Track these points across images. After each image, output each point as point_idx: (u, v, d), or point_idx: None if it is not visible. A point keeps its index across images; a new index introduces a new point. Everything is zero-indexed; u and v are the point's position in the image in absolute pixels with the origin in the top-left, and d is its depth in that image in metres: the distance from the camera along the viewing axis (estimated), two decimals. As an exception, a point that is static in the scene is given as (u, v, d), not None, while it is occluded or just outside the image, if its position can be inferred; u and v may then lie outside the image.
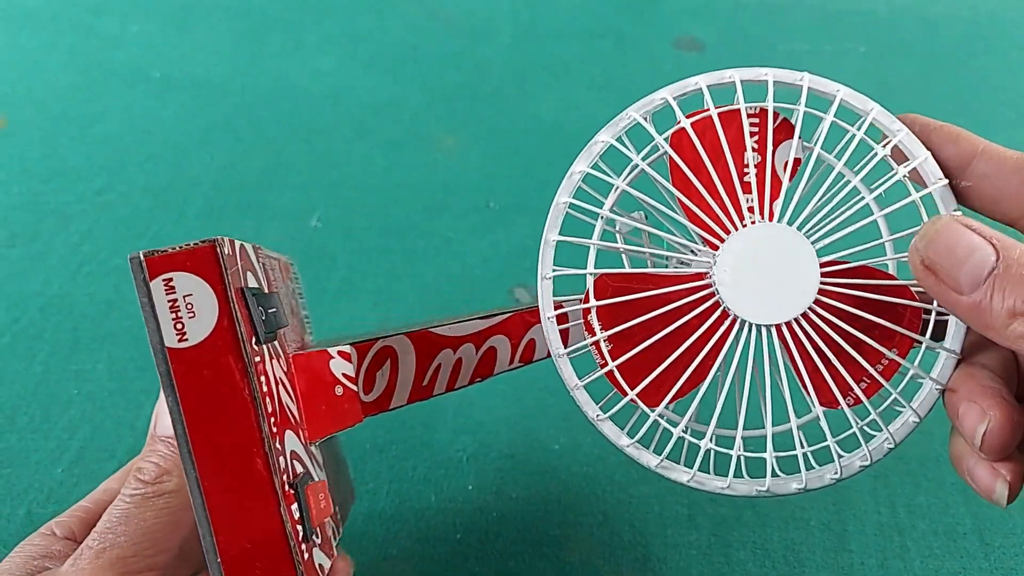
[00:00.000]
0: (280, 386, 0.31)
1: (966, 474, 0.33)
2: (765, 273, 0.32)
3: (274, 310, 0.32)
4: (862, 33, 0.78)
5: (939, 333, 0.33)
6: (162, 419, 0.33)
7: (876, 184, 0.33)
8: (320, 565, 0.31)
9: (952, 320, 0.32)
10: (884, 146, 0.33)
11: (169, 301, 0.28)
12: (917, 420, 0.33)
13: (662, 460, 0.34)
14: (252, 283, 0.31)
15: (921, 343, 0.33)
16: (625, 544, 0.46)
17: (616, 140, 0.34)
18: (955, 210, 0.32)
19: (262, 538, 0.28)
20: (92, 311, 0.58)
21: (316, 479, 0.32)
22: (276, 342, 0.32)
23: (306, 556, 0.29)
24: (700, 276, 0.33)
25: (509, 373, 0.38)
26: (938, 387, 0.33)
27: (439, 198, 0.65)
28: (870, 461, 0.33)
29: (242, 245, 0.31)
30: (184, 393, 0.28)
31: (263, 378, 0.29)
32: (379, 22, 0.80)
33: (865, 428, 0.33)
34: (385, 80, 0.75)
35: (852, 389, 0.33)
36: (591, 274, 0.33)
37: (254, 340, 0.29)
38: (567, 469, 0.50)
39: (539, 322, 0.34)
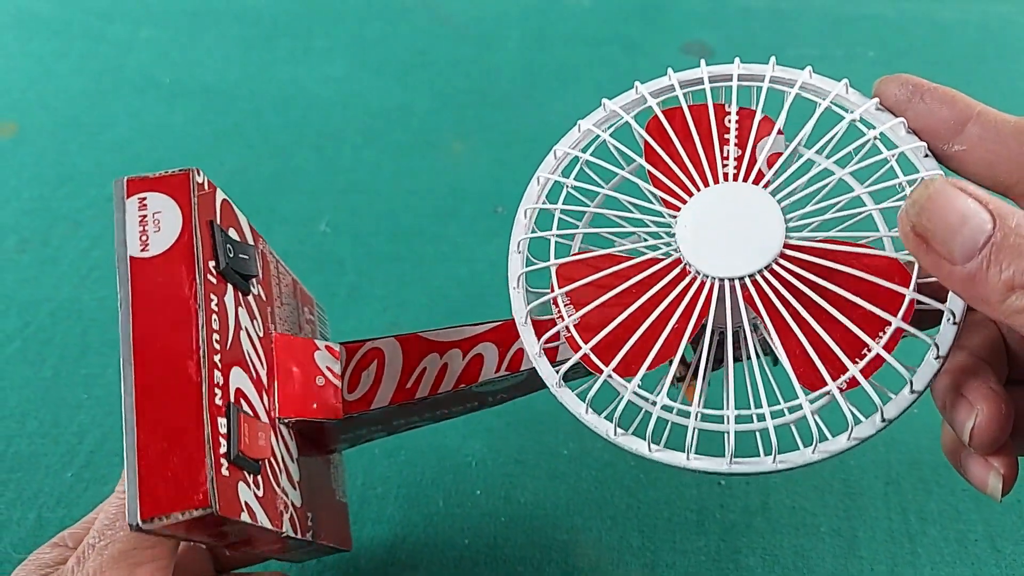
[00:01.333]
0: (244, 334, 0.32)
1: (960, 467, 0.32)
2: (727, 228, 0.31)
3: (245, 257, 0.33)
4: (872, 38, 0.78)
5: (928, 321, 0.31)
6: None
7: (847, 151, 0.32)
8: (247, 503, 0.30)
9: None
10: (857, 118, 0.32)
11: (140, 216, 0.31)
12: (914, 394, 0.30)
13: (616, 428, 0.31)
14: (233, 235, 0.33)
15: (906, 296, 0.29)
16: (634, 549, 0.46)
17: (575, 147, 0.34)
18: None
19: (180, 436, 0.28)
20: (102, 316, 0.58)
21: (274, 453, 0.33)
22: (250, 298, 0.34)
23: (225, 472, 0.29)
24: (661, 242, 0.32)
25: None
26: (937, 357, 0.29)
27: (448, 203, 0.65)
28: (858, 438, 0.30)
29: (225, 200, 0.34)
30: (136, 298, 0.30)
31: (215, 303, 0.31)
32: (388, 28, 0.81)
33: (855, 411, 0.30)
34: (394, 86, 0.75)
35: (835, 356, 0.29)
36: (552, 265, 0.33)
37: (213, 264, 0.31)
38: (576, 474, 0.49)
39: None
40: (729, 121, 0.34)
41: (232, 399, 0.30)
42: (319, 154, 0.70)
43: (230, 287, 0.33)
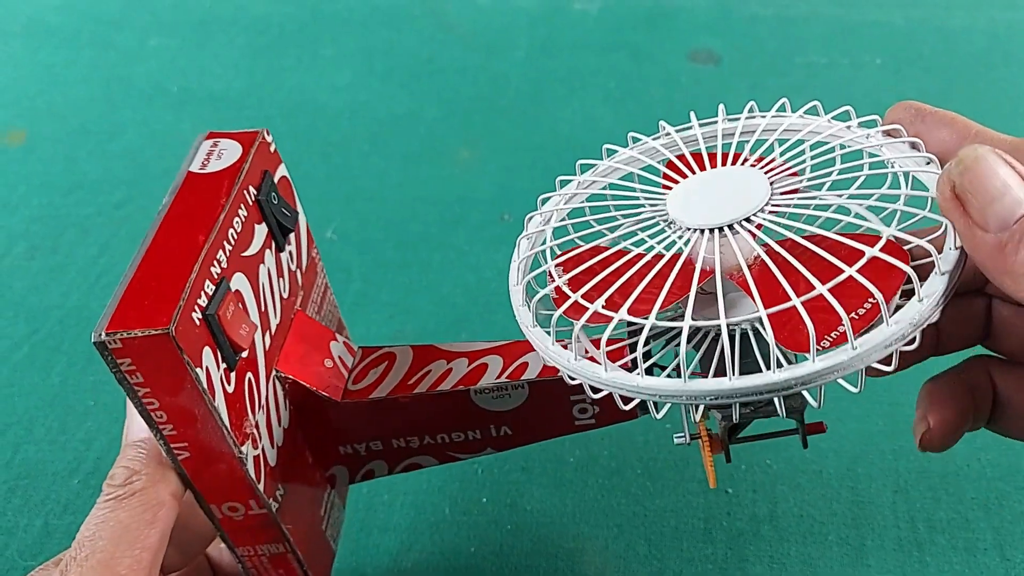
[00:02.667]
0: (264, 270, 0.36)
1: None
2: (715, 194, 0.32)
3: (286, 213, 0.37)
4: (879, 45, 0.78)
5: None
6: (132, 427, 0.34)
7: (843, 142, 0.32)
8: (208, 371, 0.31)
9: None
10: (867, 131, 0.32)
11: (208, 150, 0.36)
12: (944, 275, 0.28)
13: (575, 353, 0.30)
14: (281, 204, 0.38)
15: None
16: (640, 558, 0.46)
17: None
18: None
19: (168, 280, 0.30)
20: (110, 323, 0.59)
21: (258, 383, 0.34)
22: (283, 256, 0.37)
23: (196, 319, 0.30)
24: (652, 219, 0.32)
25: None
26: (942, 272, 0.28)
27: (455, 210, 0.65)
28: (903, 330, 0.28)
29: (287, 177, 0.39)
30: (177, 200, 0.34)
31: (241, 220, 0.34)
32: (395, 36, 0.81)
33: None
34: (401, 94, 0.75)
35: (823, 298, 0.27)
36: (552, 267, 0.34)
37: (253, 191, 0.35)
38: (582, 482, 0.49)
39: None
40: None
41: (226, 281, 0.32)
42: (326, 162, 0.70)
43: (265, 228, 0.36)
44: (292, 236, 0.39)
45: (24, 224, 0.65)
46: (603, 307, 0.30)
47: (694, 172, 0.34)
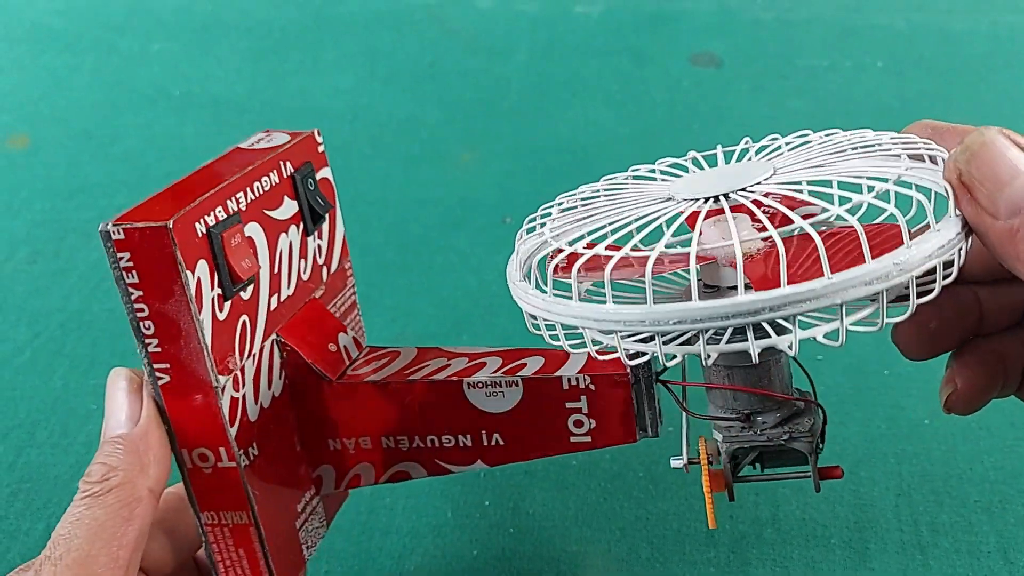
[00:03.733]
0: (285, 238, 0.37)
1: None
2: (718, 176, 0.32)
3: (320, 202, 0.39)
4: (881, 48, 0.78)
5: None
6: (109, 423, 0.34)
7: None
8: (199, 283, 0.32)
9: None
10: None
11: (259, 136, 0.39)
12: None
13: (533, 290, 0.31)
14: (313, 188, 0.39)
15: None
16: (643, 561, 0.46)
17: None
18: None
19: (181, 198, 0.32)
20: (111, 327, 0.59)
21: (252, 337, 0.35)
22: (309, 241, 0.39)
23: (199, 231, 0.32)
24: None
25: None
26: (937, 229, 0.27)
27: (456, 214, 0.65)
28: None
29: (329, 179, 0.41)
30: (216, 162, 0.36)
31: (270, 183, 0.36)
32: (397, 40, 0.81)
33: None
34: (403, 97, 0.75)
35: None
36: (552, 239, 0.33)
37: (290, 166, 0.38)
38: (585, 485, 0.49)
39: (538, 352, 0.36)
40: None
41: (240, 217, 0.34)
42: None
43: (295, 205, 0.38)
44: (324, 231, 0.40)
45: (26, 228, 0.65)
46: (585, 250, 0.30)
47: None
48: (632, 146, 0.68)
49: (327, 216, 0.40)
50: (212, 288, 0.32)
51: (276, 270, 0.37)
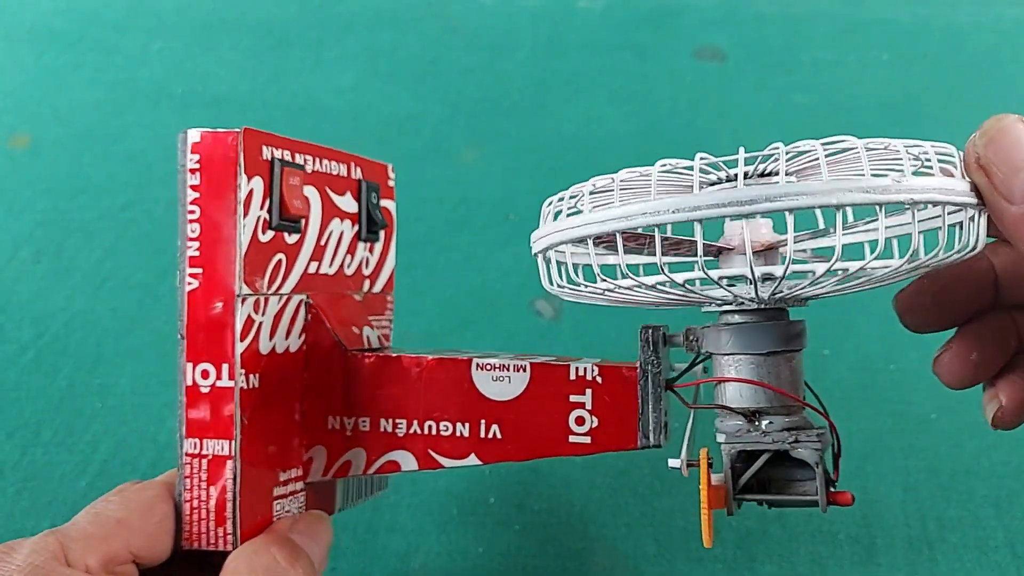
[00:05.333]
0: (336, 223, 0.40)
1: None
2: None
3: (379, 217, 0.42)
4: (886, 42, 0.77)
5: None
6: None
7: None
8: (251, 192, 0.35)
9: None
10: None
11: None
12: None
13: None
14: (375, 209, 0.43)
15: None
16: (649, 557, 0.46)
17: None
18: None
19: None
20: (115, 326, 0.59)
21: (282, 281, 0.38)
22: (359, 245, 0.42)
23: (264, 156, 0.36)
24: None
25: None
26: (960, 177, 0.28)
27: (459, 212, 0.65)
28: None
29: (390, 210, 0.45)
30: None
31: (338, 169, 0.41)
32: (399, 37, 0.81)
33: None
34: (405, 95, 0.75)
35: None
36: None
37: (359, 170, 0.42)
38: (590, 481, 0.49)
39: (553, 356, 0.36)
40: None
41: (303, 173, 0.38)
42: (331, 163, 0.70)
43: (355, 205, 0.41)
44: (376, 249, 0.43)
45: (29, 228, 0.65)
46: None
47: None
48: (636, 141, 0.68)
49: (381, 236, 0.43)
50: (261, 208, 0.36)
51: (323, 242, 0.39)
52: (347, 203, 0.41)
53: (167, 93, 0.76)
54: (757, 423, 0.33)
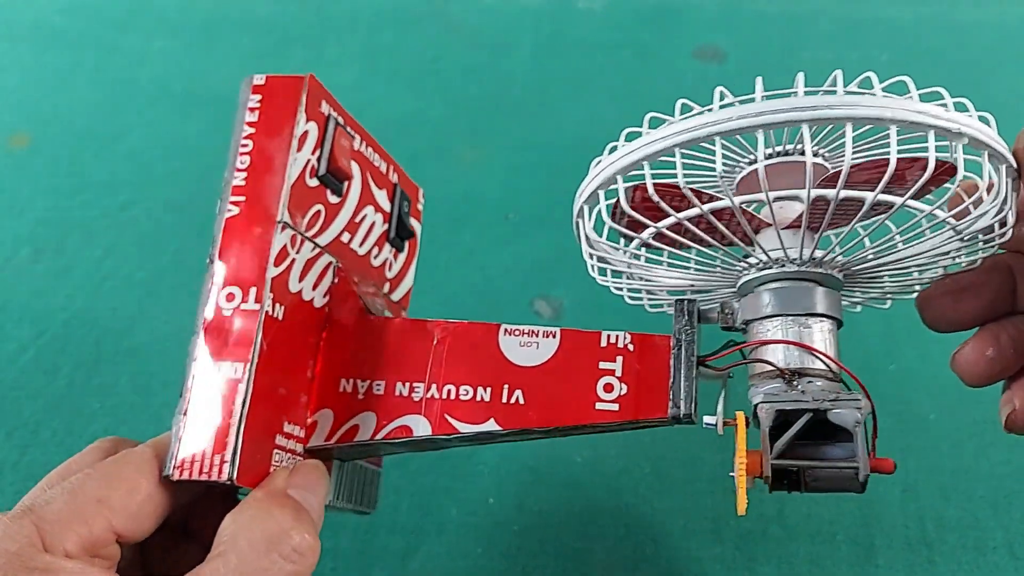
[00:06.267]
0: (371, 206, 0.41)
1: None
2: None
3: (406, 225, 0.44)
4: (887, 41, 0.77)
5: None
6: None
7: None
8: (308, 135, 0.37)
9: None
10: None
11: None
12: None
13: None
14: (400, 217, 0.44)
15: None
16: (648, 557, 0.46)
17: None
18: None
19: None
20: (115, 326, 0.59)
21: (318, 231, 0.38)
22: (388, 247, 0.43)
23: (323, 110, 0.38)
24: None
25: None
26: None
27: (460, 210, 0.65)
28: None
29: (415, 234, 0.46)
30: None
31: (380, 163, 0.43)
32: (400, 36, 0.81)
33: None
34: (406, 94, 0.75)
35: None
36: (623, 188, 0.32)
37: (394, 173, 0.44)
38: (589, 481, 0.49)
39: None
40: None
41: (353, 143, 0.40)
42: (331, 162, 0.70)
43: (388, 202, 0.42)
44: (401, 257, 0.44)
45: (29, 227, 0.65)
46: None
47: None
48: (636, 141, 0.68)
49: (406, 247, 0.44)
50: (312, 153, 0.37)
51: (357, 220, 0.40)
52: (382, 198, 0.42)
53: (167, 92, 0.76)
54: (796, 384, 0.32)
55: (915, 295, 0.37)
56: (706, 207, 0.31)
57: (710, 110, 0.32)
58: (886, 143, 0.30)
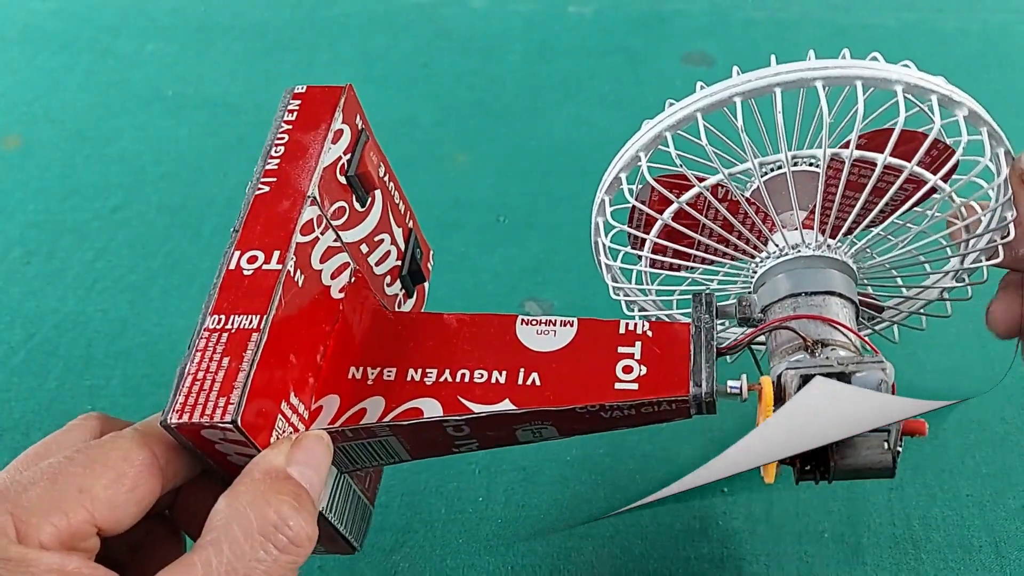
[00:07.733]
0: (387, 234, 0.41)
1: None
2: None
3: (418, 269, 0.43)
4: (872, 48, 0.77)
5: None
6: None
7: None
8: (341, 133, 0.38)
9: None
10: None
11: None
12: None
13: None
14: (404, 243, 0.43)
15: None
16: (636, 556, 0.46)
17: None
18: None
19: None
20: (106, 328, 0.59)
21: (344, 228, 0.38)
22: (398, 285, 0.42)
23: (357, 124, 0.39)
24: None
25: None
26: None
27: (451, 215, 0.65)
28: None
29: (425, 274, 0.45)
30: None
31: (400, 200, 0.43)
32: (391, 41, 0.81)
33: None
34: (397, 98, 0.75)
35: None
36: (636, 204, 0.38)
37: (408, 231, 0.43)
38: (579, 479, 0.49)
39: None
40: None
41: (381, 165, 0.40)
42: (323, 166, 0.70)
43: (403, 244, 0.42)
44: (409, 304, 0.43)
45: (20, 229, 0.65)
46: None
47: None
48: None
49: (415, 294, 0.44)
50: (345, 152, 0.38)
51: (376, 239, 0.40)
52: (399, 235, 0.42)
53: (160, 95, 0.76)
54: (819, 353, 0.32)
55: (923, 305, 0.41)
56: (727, 172, 0.35)
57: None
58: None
